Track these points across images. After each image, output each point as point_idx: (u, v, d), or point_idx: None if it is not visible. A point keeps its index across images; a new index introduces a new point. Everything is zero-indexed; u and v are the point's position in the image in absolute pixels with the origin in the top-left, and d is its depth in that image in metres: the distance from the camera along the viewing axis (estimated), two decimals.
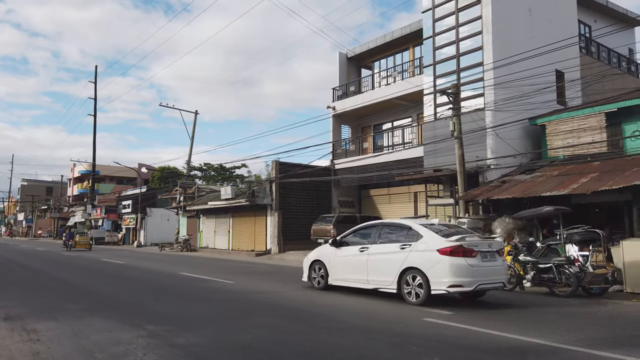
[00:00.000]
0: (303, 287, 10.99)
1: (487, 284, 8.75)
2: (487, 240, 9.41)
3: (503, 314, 7.91)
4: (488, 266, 8.73)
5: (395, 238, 9.54)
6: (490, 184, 15.60)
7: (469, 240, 8.81)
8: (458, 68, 17.62)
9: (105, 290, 11.01)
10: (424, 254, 8.71)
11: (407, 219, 10.97)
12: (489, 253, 8.92)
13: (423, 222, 10.18)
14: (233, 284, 11.84)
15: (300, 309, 8.08)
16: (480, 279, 8.51)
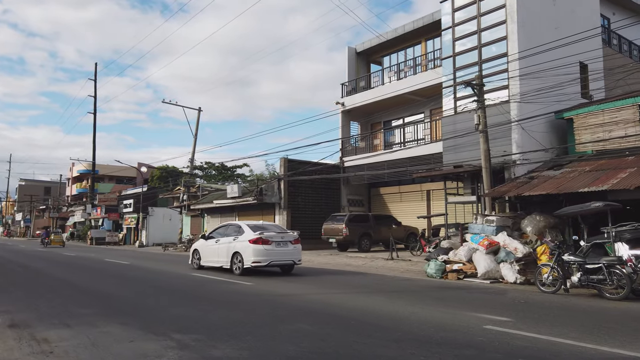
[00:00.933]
0: (331, 290, 10.22)
1: (278, 262, 13.57)
2: (282, 234, 14.07)
3: (561, 318, 7.14)
4: (280, 251, 13.46)
5: (232, 233, 14.21)
6: (517, 180, 14.84)
7: (267, 234, 13.37)
8: (480, 59, 16.86)
9: (116, 293, 10.22)
10: (242, 243, 13.39)
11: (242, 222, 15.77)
12: (282, 242, 13.66)
13: (249, 222, 14.82)
14: (251, 285, 11.05)
15: (337, 314, 7.29)
16: (273, 258, 13.25)
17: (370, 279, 12.87)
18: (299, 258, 14.06)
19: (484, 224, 13.58)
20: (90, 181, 52.56)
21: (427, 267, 13.65)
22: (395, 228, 23.02)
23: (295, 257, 13.89)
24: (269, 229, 14.03)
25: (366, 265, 17.48)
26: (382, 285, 11.34)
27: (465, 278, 12.73)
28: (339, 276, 13.47)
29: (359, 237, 21.71)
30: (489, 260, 12.54)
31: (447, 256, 13.69)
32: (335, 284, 11.47)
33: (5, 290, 10.56)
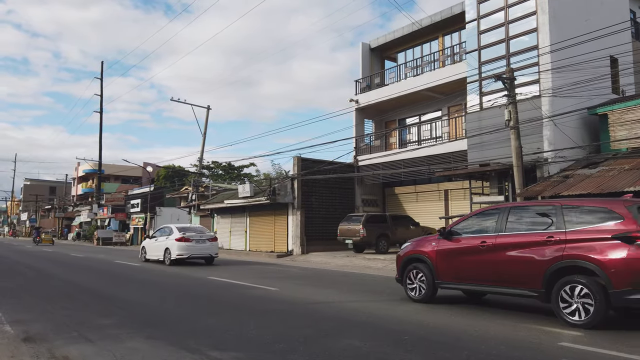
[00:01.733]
0: (364, 297, 9.52)
1: (197, 255, 17.75)
2: (201, 234, 18.37)
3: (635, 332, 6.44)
4: (199, 246, 17.71)
5: (167, 233, 18.47)
6: (551, 179, 14.12)
7: (188, 234, 17.74)
8: (508, 52, 16.14)
9: (134, 298, 9.56)
10: (171, 241, 17.66)
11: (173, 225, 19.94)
12: (201, 240, 17.91)
13: (178, 225, 19.28)
14: (277, 290, 10.37)
15: (385, 327, 6.60)
16: (193, 252, 17.49)
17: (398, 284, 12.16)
18: (215, 252, 18.62)
19: None
20: (96, 181, 52.05)
21: None
22: (414, 229, 22.32)
23: (212, 251, 18.34)
24: (191, 230, 18.68)
25: (387, 268, 16.78)
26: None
27: None
28: (364, 281, 12.79)
29: (377, 238, 21.02)
30: None
31: None
32: (364, 290, 10.78)
33: (16, 296, 9.92)
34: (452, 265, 8.21)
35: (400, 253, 9.41)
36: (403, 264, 9.13)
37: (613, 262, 6.28)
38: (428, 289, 8.49)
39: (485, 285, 7.81)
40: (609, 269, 6.27)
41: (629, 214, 6.54)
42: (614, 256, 6.33)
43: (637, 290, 6.08)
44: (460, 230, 8.43)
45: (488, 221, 8.14)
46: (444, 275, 8.29)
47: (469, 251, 7.97)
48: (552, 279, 6.77)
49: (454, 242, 8.31)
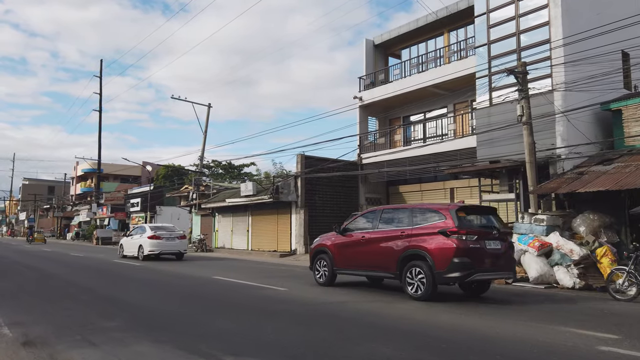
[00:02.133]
0: (381, 298, 9.13)
1: (167, 251, 19.68)
2: (171, 232, 20.38)
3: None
4: (169, 244, 19.74)
5: (140, 232, 20.76)
6: (564, 175, 13.74)
7: (159, 232, 19.84)
8: (519, 47, 15.76)
9: (137, 299, 9.17)
10: (144, 238, 19.65)
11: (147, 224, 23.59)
12: (170, 238, 19.93)
13: (152, 225, 22.04)
14: (286, 291, 9.98)
15: (411, 331, 6.22)
16: (163, 249, 19.51)
17: None
18: (184, 249, 20.91)
19: (532, 224, 12.50)
20: (95, 180, 51.58)
21: None
22: None
23: (180, 248, 20.50)
24: (163, 229, 20.79)
25: None
26: None
27: (513, 282, 11.65)
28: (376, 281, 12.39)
29: None
30: (541, 263, 11.46)
31: None
32: (376, 291, 10.39)
33: (14, 297, 9.52)
34: (344, 255, 10.36)
35: (312, 246, 11.62)
36: (312, 255, 11.29)
37: (436, 250, 8.42)
38: (329, 275, 10.66)
39: (365, 270, 10.04)
40: (434, 255, 8.40)
41: (449, 215, 8.64)
42: (436, 246, 8.45)
43: (450, 270, 8.25)
44: (351, 227, 10.51)
45: (369, 220, 10.25)
46: (339, 264, 10.47)
47: (354, 244, 10.15)
48: (402, 264, 8.91)
49: (346, 237, 10.46)
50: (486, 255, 8.59)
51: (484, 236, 8.70)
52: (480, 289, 9.55)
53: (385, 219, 9.85)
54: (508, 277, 9.85)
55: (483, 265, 8.52)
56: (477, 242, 8.50)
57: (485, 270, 8.61)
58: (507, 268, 9.11)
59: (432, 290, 8.40)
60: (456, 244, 8.27)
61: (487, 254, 8.61)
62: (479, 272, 8.45)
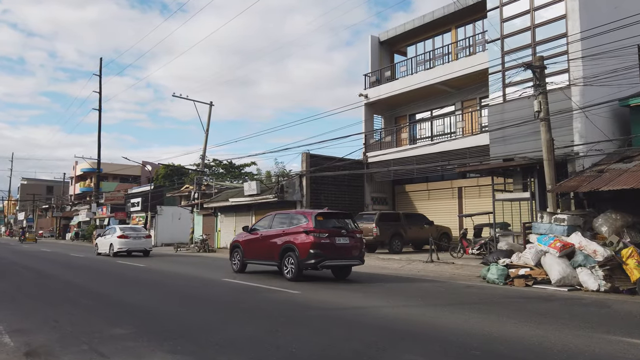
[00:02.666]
0: (400, 302, 8.67)
1: (134, 249, 22.90)
2: (137, 232, 23.67)
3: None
4: (136, 242, 22.82)
5: (111, 232, 23.88)
6: (583, 174, 13.30)
7: (127, 232, 22.98)
8: (533, 41, 15.32)
9: (145, 303, 8.69)
10: (114, 238, 22.71)
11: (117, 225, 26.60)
12: (137, 237, 23.07)
13: (121, 226, 24.92)
14: (300, 294, 9.50)
15: (446, 339, 5.75)
16: (130, 246, 22.66)
17: (428, 286, 11.34)
18: (149, 246, 23.93)
19: (552, 223, 12.05)
20: (95, 179, 51.06)
21: (486, 272, 12.13)
22: (427, 227, 21.50)
23: (146, 245, 23.60)
24: (130, 229, 24.18)
25: (405, 268, 15.97)
26: (452, 295, 9.78)
27: (534, 285, 11.20)
28: (390, 283, 11.95)
29: (390, 238, 20.18)
30: (563, 264, 11.00)
31: (510, 260, 12.15)
32: (393, 294, 9.93)
33: (14, 300, 9.04)
34: (249, 249, 13.61)
35: (230, 242, 15.22)
36: (230, 249, 14.72)
37: (300, 244, 11.68)
38: (241, 264, 13.91)
39: (262, 260, 13.17)
40: (299, 248, 11.67)
41: (311, 219, 11.91)
42: (301, 241, 11.72)
43: (308, 258, 11.45)
44: (256, 227, 13.88)
45: (267, 222, 13.57)
46: (247, 255, 13.70)
47: (256, 240, 13.37)
48: (282, 254, 12.12)
49: (252, 235, 13.63)
50: (335, 247, 11.83)
51: (335, 234, 11.93)
52: (343, 274, 12.77)
53: (277, 221, 13.14)
54: (356, 264, 12.65)
55: (332, 255, 11.77)
56: (328, 239, 11.76)
57: (334, 258, 11.87)
58: (355, 257, 12.30)
59: (298, 273, 11.64)
60: (312, 239, 11.56)
61: (336, 247, 11.85)
62: (328, 260, 11.73)
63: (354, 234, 12.42)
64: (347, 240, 12.07)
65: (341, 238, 12.00)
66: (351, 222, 12.78)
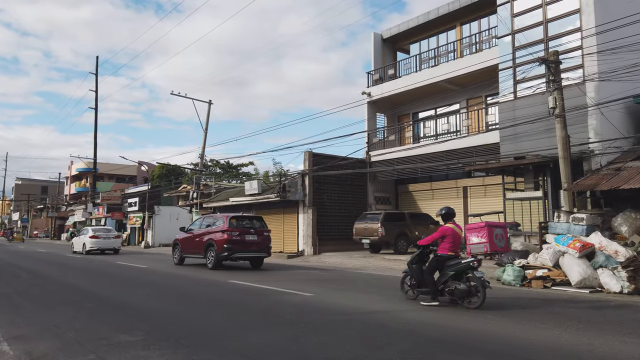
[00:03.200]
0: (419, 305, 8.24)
1: (104, 247, 25.32)
2: (107, 233, 26.29)
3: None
4: (105, 242, 25.45)
5: (85, 233, 26.46)
6: (599, 172, 12.92)
7: (98, 233, 25.74)
8: (546, 36, 14.93)
9: (152, 307, 8.21)
10: (87, 237, 25.33)
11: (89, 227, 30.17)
12: (107, 237, 25.70)
13: (94, 227, 29.46)
14: (314, 296, 9.07)
15: (484, 349, 5.33)
16: (101, 245, 25.19)
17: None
18: (118, 245, 26.62)
19: (570, 223, 11.66)
20: (91, 179, 50.42)
21: (501, 273, 11.73)
22: (433, 227, 21.05)
23: (115, 245, 26.31)
24: (101, 230, 27.11)
25: None
26: None
27: (552, 286, 10.81)
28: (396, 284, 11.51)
29: (395, 238, 19.75)
30: (584, 265, 10.60)
31: (526, 260, 11.74)
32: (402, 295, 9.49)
33: (13, 304, 8.55)
34: (185, 246, 17.04)
35: (174, 240, 18.26)
36: (172, 246, 18.16)
37: (218, 241, 15.02)
38: (180, 258, 17.35)
39: (194, 254, 16.47)
40: (217, 243, 15.01)
41: (226, 221, 15.38)
42: (218, 238, 15.06)
43: (222, 252, 14.82)
44: (191, 227, 17.51)
45: (198, 223, 17.28)
46: (184, 251, 17.09)
47: (190, 238, 16.79)
48: (206, 249, 15.51)
49: (188, 234, 17.11)
50: (245, 243, 15.32)
51: (245, 232, 15.40)
52: (257, 264, 16.20)
53: (205, 223, 16.83)
54: (263, 256, 16.12)
55: (242, 249, 15.24)
56: (239, 236, 15.19)
57: (243, 251, 15.37)
58: (262, 250, 15.88)
59: (216, 263, 15.10)
60: (226, 237, 14.97)
61: (246, 242, 15.35)
62: (239, 252, 15.26)
63: (262, 233, 15.92)
64: (255, 237, 15.64)
65: (250, 235, 15.51)
66: (261, 223, 16.34)
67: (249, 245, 15.35)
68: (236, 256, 15.29)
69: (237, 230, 15.20)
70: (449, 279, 8.00)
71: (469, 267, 7.92)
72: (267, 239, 16.04)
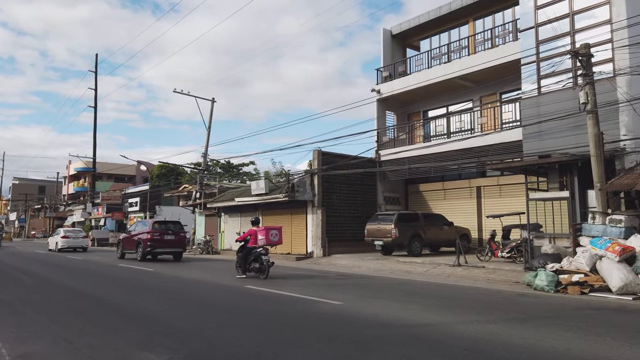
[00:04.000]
0: (474, 316, 7.57)
1: (74, 245, 29.97)
2: (76, 234, 31.29)
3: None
4: (74, 241, 30.19)
5: (58, 234, 31.41)
6: (634, 170, 12.28)
7: (68, 234, 30.66)
8: (572, 29, 14.29)
9: (168, 316, 7.51)
10: (59, 237, 30.31)
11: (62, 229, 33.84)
12: (76, 237, 30.52)
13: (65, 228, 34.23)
14: (343, 305, 8.38)
15: None
16: (70, 244, 29.94)
17: (476, 295, 10.26)
18: (85, 244, 30.94)
19: (607, 225, 11.02)
20: (90, 178, 49.62)
21: (532, 278, 11.05)
22: (447, 229, 20.46)
23: (82, 244, 30.56)
24: (71, 232, 31.39)
25: (430, 273, 14.89)
26: (514, 306, 8.70)
27: (590, 292, 10.15)
28: (430, 290, 10.85)
29: (410, 239, 19.08)
30: (624, 270, 9.96)
31: (559, 264, 11.09)
32: (451, 305, 8.83)
33: (17, 312, 7.85)
34: (125, 244, 21.74)
35: (117, 239, 24.31)
36: (117, 244, 23.34)
37: (144, 240, 20.04)
38: (121, 253, 21.95)
39: (130, 250, 21.10)
40: (143, 241, 20.08)
41: (150, 224, 20.97)
42: (145, 237, 20.19)
43: (147, 247, 19.99)
44: (130, 229, 22.98)
45: (135, 226, 22.30)
46: (124, 248, 21.74)
47: (127, 238, 21.83)
48: (137, 246, 20.56)
49: (127, 234, 22.30)
50: (164, 241, 20.25)
51: (164, 233, 20.34)
52: (176, 257, 21.22)
53: (138, 226, 21.91)
54: (179, 251, 21.16)
55: (162, 245, 20.25)
56: (159, 236, 20.11)
57: (163, 247, 20.35)
58: (178, 247, 20.98)
59: (142, 256, 19.94)
60: (149, 237, 19.89)
61: (164, 241, 20.29)
62: (158, 248, 20.20)
63: (179, 234, 21.17)
64: (173, 237, 20.75)
65: (168, 235, 20.62)
66: (178, 226, 21.51)
67: (167, 242, 20.55)
68: (157, 251, 20.40)
69: (158, 232, 20.36)
70: (252, 261, 13.28)
71: (261, 254, 13.04)
72: (183, 238, 21.61)
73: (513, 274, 13.48)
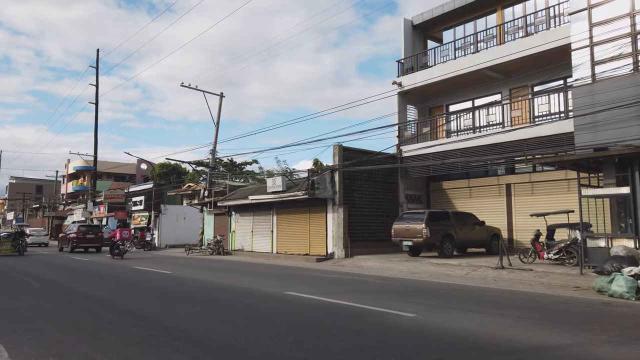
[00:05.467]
0: (586, 337, 6.35)
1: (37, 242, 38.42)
2: (40, 232, 41.02)
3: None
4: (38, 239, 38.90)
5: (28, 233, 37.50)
6: None
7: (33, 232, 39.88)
8: (632, 10, 13.09)
9: (202, 329, 6.24)
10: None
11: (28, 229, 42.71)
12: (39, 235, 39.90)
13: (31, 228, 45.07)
14: (416, 317, 7.13)
15: None
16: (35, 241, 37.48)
17: (548, 302, 9.04)
18: (45, 242, 38.89)
19: None
20: (90, 177, 48.22)
21: (606, 284, 9.83)
22: (478, 229, 19.24)
23: (44, 240, 38.90)
24: (36, 231, 40.14)
25: (472, 276, 13.65)
26: (612, 318, 7.49)
27: None
28: (493, 298, 9.63)
29: (441, 240, 17.84)
30: None
31: (638, 268, 9.88)
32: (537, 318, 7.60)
33: (31, 326, 6.58)
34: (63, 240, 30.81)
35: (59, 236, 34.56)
36: (62, 239, 31.50)
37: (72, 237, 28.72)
38: (60, 248, 30.63)
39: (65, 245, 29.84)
40: (71, 239, 28.79)
41: (77, 226, 30.48)
42: (72, 236, 28.83)
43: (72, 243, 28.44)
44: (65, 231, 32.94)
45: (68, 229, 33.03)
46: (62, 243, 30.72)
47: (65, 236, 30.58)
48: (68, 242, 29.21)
49: (64, 234, 31.43)
50: (86, 239, 28.55)
51: (86, 233, 28.66)
52: (97, 250, 28.89)
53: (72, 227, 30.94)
54: (96, 246, 28.92)
55: (84, 242, 28.55)
56: (82, 235, 28.46)
57: (85, 244, 28.66)
58: (96, 243, 28.89)
59: (71, 249, 28.00)
60: (75, 235, 28.34)
61: (86, 239, 28.56)
62: (82, 243, 28.47)
63: (97, 234, 29.10)
64: (92, 236, 28.59)
65: (89, 235, 28.53)
66: (97, 229, 30.02)
67: (88, 240, 28.51)
68: (81, 245, 28.30)
69: (82, 232, 28.53)
70: (115, 249, 22.10)
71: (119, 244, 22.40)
72: (100, 237, 29.37)
73: (568, 277, 12.28)
